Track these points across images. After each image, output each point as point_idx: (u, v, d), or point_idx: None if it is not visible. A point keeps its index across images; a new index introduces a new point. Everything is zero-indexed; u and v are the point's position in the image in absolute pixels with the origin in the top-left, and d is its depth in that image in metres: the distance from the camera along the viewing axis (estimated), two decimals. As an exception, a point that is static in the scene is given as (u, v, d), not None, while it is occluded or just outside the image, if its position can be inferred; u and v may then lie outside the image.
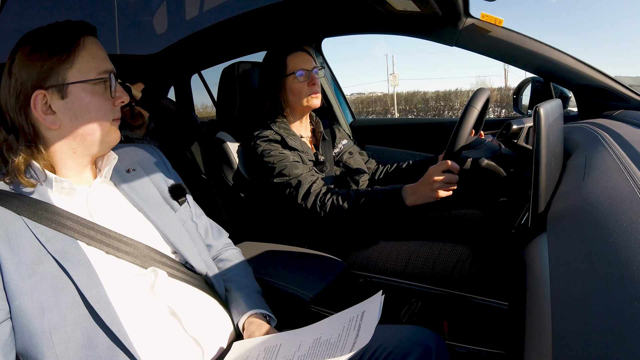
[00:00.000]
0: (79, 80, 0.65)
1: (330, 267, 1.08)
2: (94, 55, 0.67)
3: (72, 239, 0.62)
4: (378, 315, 0.57)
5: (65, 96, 0.64)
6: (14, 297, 0.56)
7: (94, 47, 0.68)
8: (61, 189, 0.67)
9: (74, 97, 0.65)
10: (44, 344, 0.55)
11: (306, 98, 1.22)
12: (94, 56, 0.67)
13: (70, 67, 0.64)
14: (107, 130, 0.69)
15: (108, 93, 0.68)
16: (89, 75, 0.66)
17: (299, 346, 0.61)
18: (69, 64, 0.64)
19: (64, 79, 0.64)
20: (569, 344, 0.33)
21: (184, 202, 0.82)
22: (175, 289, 0.70)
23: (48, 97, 0.64)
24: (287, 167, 1.13)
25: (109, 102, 0.69)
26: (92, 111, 0.67)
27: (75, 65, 0.65)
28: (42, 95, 0.63)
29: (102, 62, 0.68)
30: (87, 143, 0.68)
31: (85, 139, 0.68)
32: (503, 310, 1.01)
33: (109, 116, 0.69)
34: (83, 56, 0.65)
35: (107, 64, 0.69)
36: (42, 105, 0.64)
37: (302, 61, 1.23)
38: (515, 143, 0.96)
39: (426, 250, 1.11)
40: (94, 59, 0.67)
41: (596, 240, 0.41)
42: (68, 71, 0.64)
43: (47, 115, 0.64)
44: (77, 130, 0.66)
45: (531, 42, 1.21)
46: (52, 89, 0.64)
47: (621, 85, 1.18)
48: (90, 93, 0.66)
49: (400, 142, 1.80)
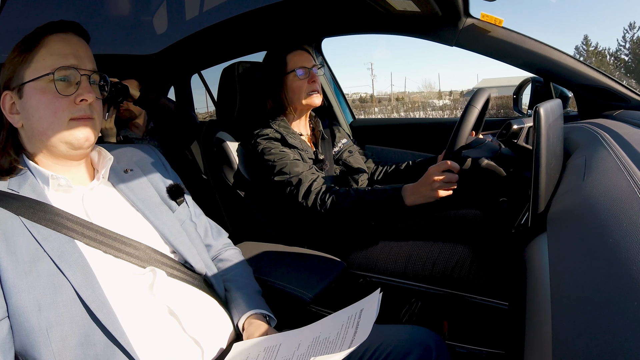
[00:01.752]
0: (30, 79, 0.65)
1: (330, 267, 1.08)
2: (52, 52, 0.65)
3: (69, 238, 0.62)
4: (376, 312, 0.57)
5: (22, 96, 0.65)
6: (11, 295, 0.56)
7: (57, 44, 0.66)
8: (58, 187, 0.67)
9: (27, 96, 0.65)
10: (41, 342, 0.56)
11: (306, 96, 1.22)
12: (52, 53, 0.65)
13: (27, 67, 0.65)
14: (64, 130, 0.66)
15: (68, 90, 0.65)
16: (41, 72, 0.65)
17: (298, 345, 0.61)
18: (27, 64, 0.65)
19: (22, 78, 0.65)
20: (569, 344, 0.33)
21: (182, 202, 0.82)
22: (174, 289, 0.69)
23: (13, 97, 0.66)
24: (287, 165, 1.13)
25: (64, 100, 0.65)
26: (41, 110, 0.65)
27: (32, 64, 0.65)
28: (9, 96, 0.66)
29: (60, 59, 0.65)
30: (46, 143, 0.67)
31: (41, 139, 0.66)
32: (503, 310, 1.01)
33: (64, 115, 0.65)
34: (41, 54, 0.65)
35: (68, 60, 0.66)
36: (9, 105, 0.66)
37: (301, 59, 1.23)
38: (515, 143, 0.96)
39: (426, 250, 1.11)
40: (52, 56, 0.65)
41: (596, 240, 0.41)
42: (26, 71, 0.65)
43: (12, 114, 0.66)
44: (32, 130, 0.66)
45: (531, 42, 1.21)
46: (15, 89, 0.65)
47: (621, 85, 1.18)
48: (40, 91, 0.65)
49: (400, 142, 1.80)
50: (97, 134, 0.71)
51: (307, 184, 1.11)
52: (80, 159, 0.72)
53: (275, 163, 1.15)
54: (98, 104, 0.71)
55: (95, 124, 0.70)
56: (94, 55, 0.72)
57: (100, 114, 0.72)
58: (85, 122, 0.68)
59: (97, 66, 0.71)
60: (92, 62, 0.70)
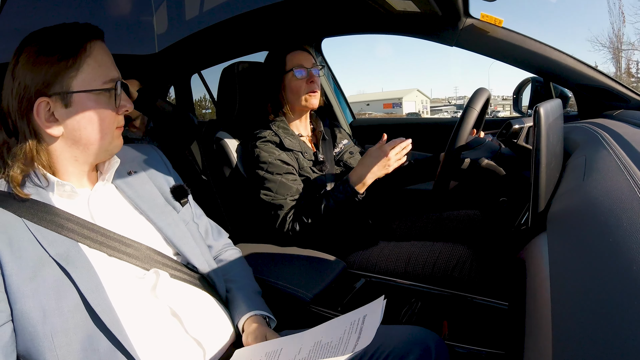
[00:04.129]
0: (83, 89, 0.63)
1: (330, 267, 1.08)
2: (100, 62, 0.65)
3: (74, 241, 0.62)
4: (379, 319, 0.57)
5: (69, 105, 0.62)
6: (15, 301, 0.55)
7: (100, 53, 0.65)
8: (63, 192, 0.66)
9: (78, 106, 0.63)
10: (45, 347, 0.55)
11: (305, 96, 1.22)
12: (100, 64, 0.65)
13: (75, 75, 0.62)
14: (110, 139, 0.68)
15: (113, 102, 0.67)
16: (94, 84, 0.64)
17: (300, 349, 0.61)
18: (74, 72, 0.62)
19: (68, 87, 0.62)
20: (569, 344, 0.33)
21: (186, 203, 0.82)
22: (177, 290, 0.69)
23: (52, 104, 0.62)
24: (276, 182, 1.14)
25: (113, 111, 0.67)
26: (96, 121, 0.65)
27: (81, 73, 0.63)
28: (45, 102, 0.61)
29: (107, 70, 0.66)
30: (90, 152, 0.67)
31: (88, 147, 0.66)
32: (503, 310, 1.01)
33: (113, 125, 0.68)
34: (89, 63, 0.63)
35: (113, 71, 0.67)
36: (45, 113, 0.62)
37: (301, 59, 1.23)
38: (515, 143, 0.96)
39: (426, 250, 1.11)
40: (100, 66, 0.65)
41: (596, 240, 0.41)
42: (73, 79, 0.62)
43: (50, 123, 0.62)
44: (80, 140, 0.65)
45: (531, 42, 1.21)
46: (56, 97, 0.62)
47: (621, 85, 1.18)
48: (95, 103, 0.64)
49: (400, 142, 1.79)
50: None
51: (284, 213, 1.13)
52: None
53: (266, 175, 1.15)
54: None
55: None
56: None
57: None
58: (122, 131, 0.72)
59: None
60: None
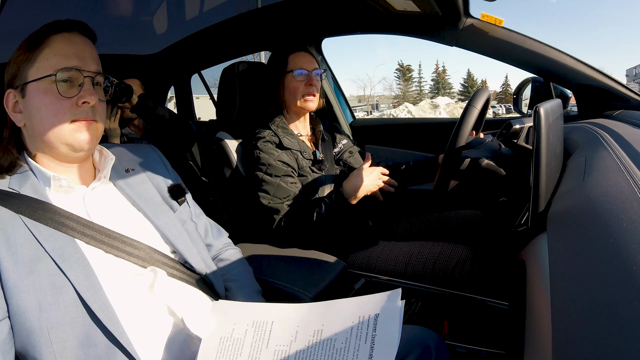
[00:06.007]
0: (33, 79, 0.64)
1: (330, 267, 1.08)
2: (56, 52, 0.64)
3: (71, 237, 0.62)
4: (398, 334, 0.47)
5: (24, 95, 0.65)
6: (12, 296, 0.56)
7: (61, 44, 0.65)
8: (59, 187, 0.66)
9: (29, 96, 0.65)
10: (42, 343, 0.55)
11: (301, 98, 1.22)
12: (56, 53, 0.64)
13: (31, 66, 0.64)
14: (65, 132, 0.65)
15: (70, 92, 0.64)
16: (44, 73, 0.64)
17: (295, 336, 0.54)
18: (30, 63, 0.64)
19: (25, 77, 0.65)
20: (569, 344, 0.33)
21: (183, 202, 0.82)
22: (174, 289, 0.69)
23: (17, 96, 0.66)
24: (274, 185, 1.14)
25: (66, 102, 0.64)
26: (43, 110, 0.64)
27: (35, 63, 0.64)
28: (12, 94, 0.66)
29: (63, 59, 0.64)
30: (48, 144, 0.66)
31: (42, 139, 0.66)
32: (503, 310, 1.01)
33: (65, 117, 0.65)
34: (44, 54, 0.64)
35: (72, 60, 0.65)
36: (12, 104, 0.66)
37: (303, 61, 1.23)
38: (515, 143, 0.96)
39: (426, 250, 1.11)
40: (55, 56, 0.64)
41: (596, 240, 0.41)
42: (29, 70, 0.64)
43: (15, 113, 0.66)
44: (34, 130, 0.66)
45: (531, 42, 1.21)
46: (18, 88, 0.65)
47: (621, 85, 1.18)
48: (43, 92, 0.64)
49: (400, 142, 1.80)
50: (99, 136, 0.71)
51: (280, 216, 1.13)
52: (81, 161, 0.71)
53: (265, 176, 1.15)
54: (101, 106, 0.70)
55: (98, 126, 0.69)
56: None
57: (104, 116, 0.71)
58: (87, 125, 0.67)
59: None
60: (96, 63, 0.69)
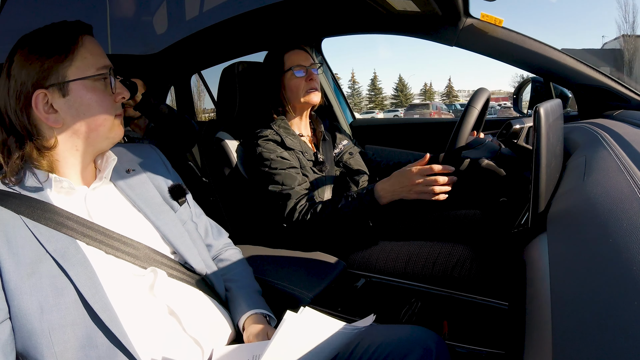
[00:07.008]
0: (78, 77, 0.65)
1: (330, 267, 1.08)
2: (91, 52, 0.67)
3: (72, 238, 0.62)
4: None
5: (66, 94, 0.65)
6: (13, 297, 0.56)
7: (92, 44, 0.68)
8: (60, 189, 0.66)
9: (75, 94, 0.65)
10: (43, 344, 0.55)
11: (304, 94, 1.22)
12: (92, 53, 0.67)
13: (69, 65, 0.65)
14: (111, 126, 0.70)
15: (109, 89, 0.69)
16: (88, 72, 0.66)
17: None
18: (68, 62, 0.65)
19: (64, 76, 0.64)
20: (569, 344, 0.33)
21: (184, 203, 0.82)
22: (174, 289, 0.70)
23: (49, 95, 0.64)
24: (281, 174, 1.14)
25: (110, 98, 0.69)
26: (94, 107, 0.67)
27: (75, 62, 0.65)
28: (42, 94, 0.64)
29: (100, 59, 0.68)
30: (91, 140, 0.69)
31: (88, 135, 0.68)
32: (503, 310, 1.01)
33: (112, 112, 0.70)
34: (81, 54, 0.66)
35: (104, 60, 0.69)
36: (43, 105, 0.64)
37: (299, 58, 1.23)
38: (515, 143, 0.96)
39: (426, 250, 1.11)
40: (92, 55, 0.67)
41: (596, 240, 0.41)
42: (68, 69, 0.65)
43: (49, 114, 0.65)
44: (80, 128, 0.67)
45: (531, 42, 1.21)
46: (53, 88, 0.64)
47: (621, 85, 1.18)
48: (91, 89, 0.67)
49: (400, 142, 1.80)
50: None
51: (294, 202, 1.12)
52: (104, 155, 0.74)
53: (271, 171, 1.15)
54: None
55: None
56: None
57: None
58: (121, 118, 0.73)
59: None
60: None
